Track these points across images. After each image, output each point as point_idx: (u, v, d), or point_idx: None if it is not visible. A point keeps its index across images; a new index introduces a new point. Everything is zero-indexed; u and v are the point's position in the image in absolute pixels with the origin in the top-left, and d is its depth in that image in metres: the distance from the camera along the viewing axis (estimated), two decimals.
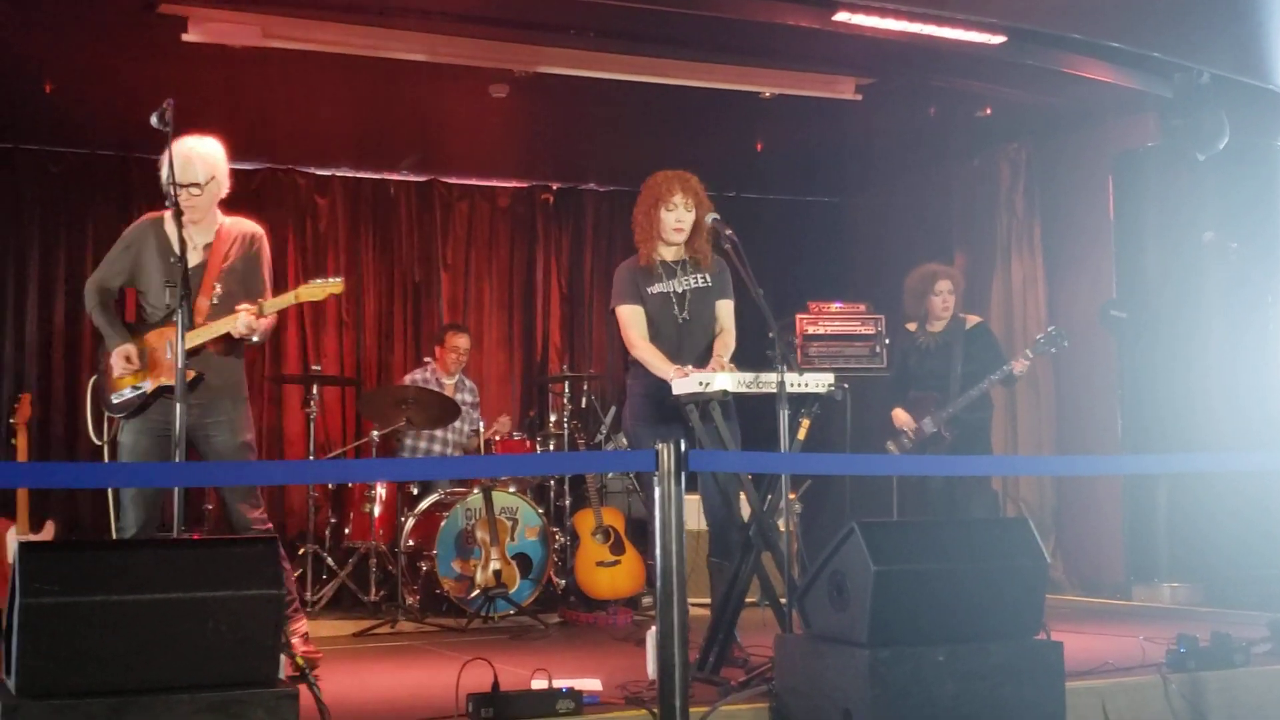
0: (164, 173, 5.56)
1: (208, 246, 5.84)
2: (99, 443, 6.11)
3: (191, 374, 5.51)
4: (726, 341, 6.24)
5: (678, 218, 6.16)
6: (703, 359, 6.10)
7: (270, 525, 6.06)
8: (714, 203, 6.26)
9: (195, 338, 5.62)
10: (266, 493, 10.16)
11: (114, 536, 6.18)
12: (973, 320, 8.16)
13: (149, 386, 5.74)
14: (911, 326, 8.19)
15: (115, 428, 5.92)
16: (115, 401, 5.81)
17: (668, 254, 6.26)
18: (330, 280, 5.90)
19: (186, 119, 5.36)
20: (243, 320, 5.66)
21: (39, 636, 3.61)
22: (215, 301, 5.78)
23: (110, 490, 7.59)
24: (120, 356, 5.74)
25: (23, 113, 9.00)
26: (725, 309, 6.30)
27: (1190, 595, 8.80)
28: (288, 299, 5.85)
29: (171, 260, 5.59)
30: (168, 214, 5.67)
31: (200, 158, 5.76)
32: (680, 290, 6.20)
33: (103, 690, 3.63)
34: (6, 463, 8.28)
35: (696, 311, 6.20)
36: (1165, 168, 9.07)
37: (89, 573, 3.71)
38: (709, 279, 6.25)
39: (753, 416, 6.04)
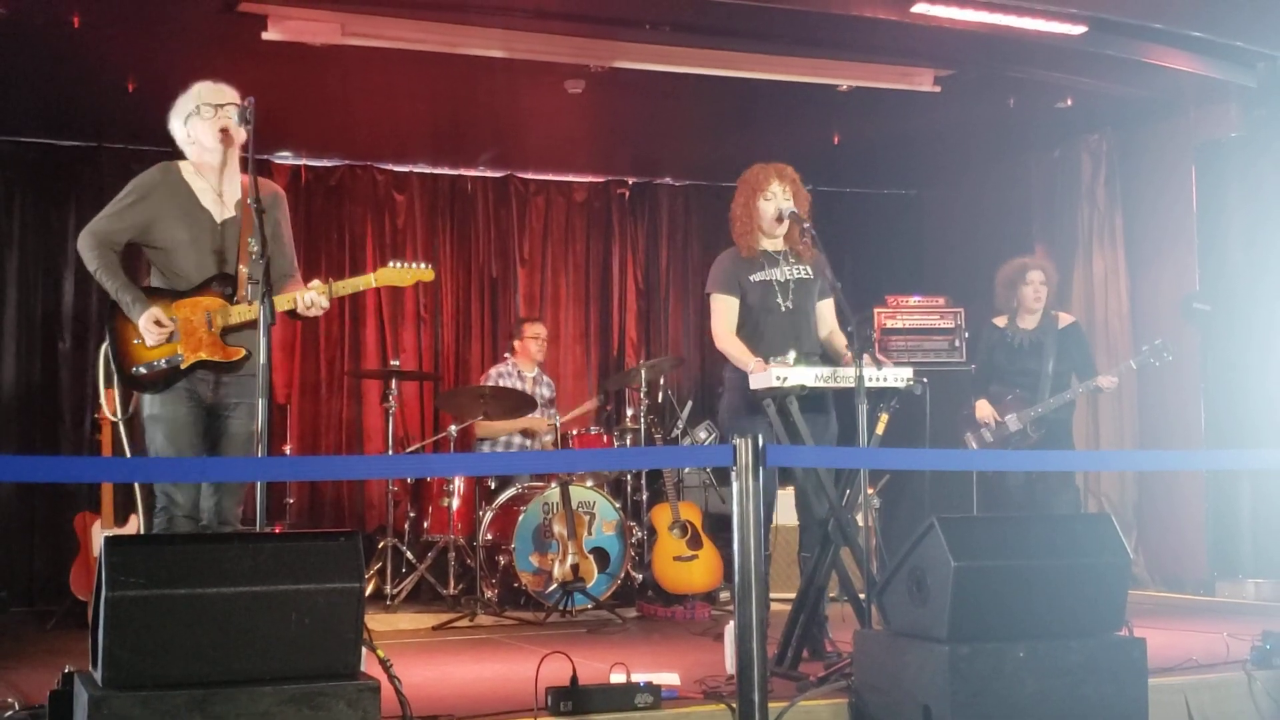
0: (186, 102, 5.29)
1: (238, 203, 5.32)
2: (115, 419, 5.38)
3: (241, 352, 5.21)
4: (835, 347, 6.30)
5: (777, 206, 6.16)
6: (812, 349, 6.14)
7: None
8: None
9: (249, 311, 5.16)
10: (347, 487, 10.35)
11: (149, 529, 5.59)
12: (1066, 319, 8.06)
13: (182, 361, 5.20)
14: (1000, 321, 8.09)
15: (135, 402, 5.32)
16: (139, 373, 5.23)
17: (769, 245, 6.27)
18: (416, 265, 5.46)
19: (266, 116, 5.36)
20: (310, 297, 5.25)
21: (125, 629, 3.65)
22: (254, 260, 5.13)
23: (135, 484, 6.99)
24: (150, 320, 5.15)
25: (106, 111, 9.12)
26: (827, 307, 6.31)
27: (1275, 591, 8.69)
28: (365, 281, 5.44)
29: (209, 221, 5.28)
30: (186, 163, 5.36)
31: (222, 84, 5.31)
32: (784, 279, 6.19)
33: (187, 682, 3.67)
34: (91, 458, 8.39)
35: (800, 301, 6.20)
36: (1249, 158, 8.97)
37: (173, 566, 3.75)
38: (810, 271, 6.24)
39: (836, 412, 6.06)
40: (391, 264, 5.49)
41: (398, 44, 7.91)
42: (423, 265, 5.50)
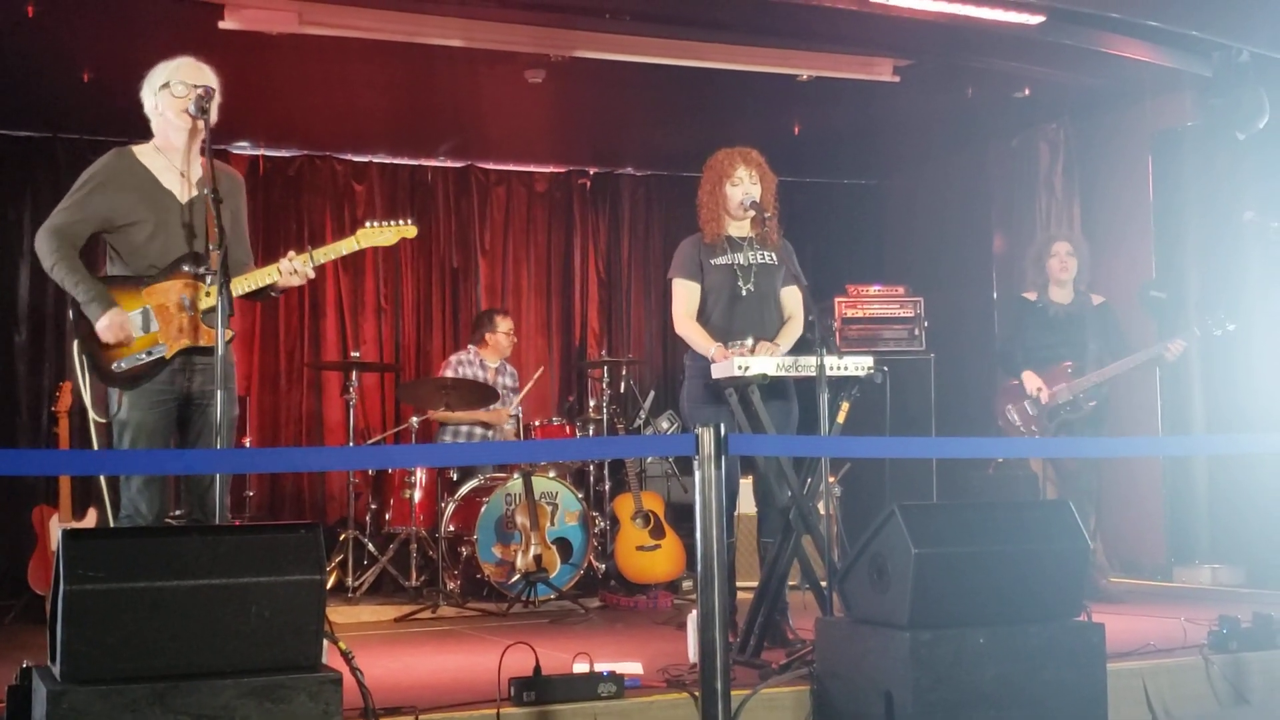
0: (162, 73, 5.13)
1: (200, 183, 5.07)
2: (102, 420, 5.07)
3: (230, 333, 4.81)
4: (790, 331, 6.24)
5: (744, 191, 6.17)
6: (774, 334, 6.15)
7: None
8: None
9: (235, 288, 4.97)
10: (308, 479, 10.31)
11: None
12: (1098, 299, 8.13)
13: (165, 351, 5.01)
14: (1030, 295, 8.13)
15: (120, 400, 5.05)
16: (121, 370, 5.01)
17: (734, 231, 6.26)
18: (397, 223, 5.33)
19: (223, 106, 5.29)
20: (293, 265, 5.09)
21: (83, 623, 3.62)
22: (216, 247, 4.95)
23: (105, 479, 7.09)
24: (110, 323, 4.95)
25: (62, 102, 9.05)
26: (790, 295, 6.28)
27: (1231, 577, 8.76)
28: (348, 244, 5.23)
29: (172, 202, 5.10)
30: (141, 147, 5.21)
31: (205, 65, 5.18)
32: (746, 264, 6.19)
33: (147, 675, 3.64)
34: (50, 450, 8.34)
35: (762, 286, 6.20)
36: (1204, 147, 9.02)
37: (132, 559, 3.72)
38: (774, 257, 6.23)
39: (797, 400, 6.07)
40: (369, 224, 5.34)
41: (356, 33, 7.87)
42: (405, 222, 5.39)
